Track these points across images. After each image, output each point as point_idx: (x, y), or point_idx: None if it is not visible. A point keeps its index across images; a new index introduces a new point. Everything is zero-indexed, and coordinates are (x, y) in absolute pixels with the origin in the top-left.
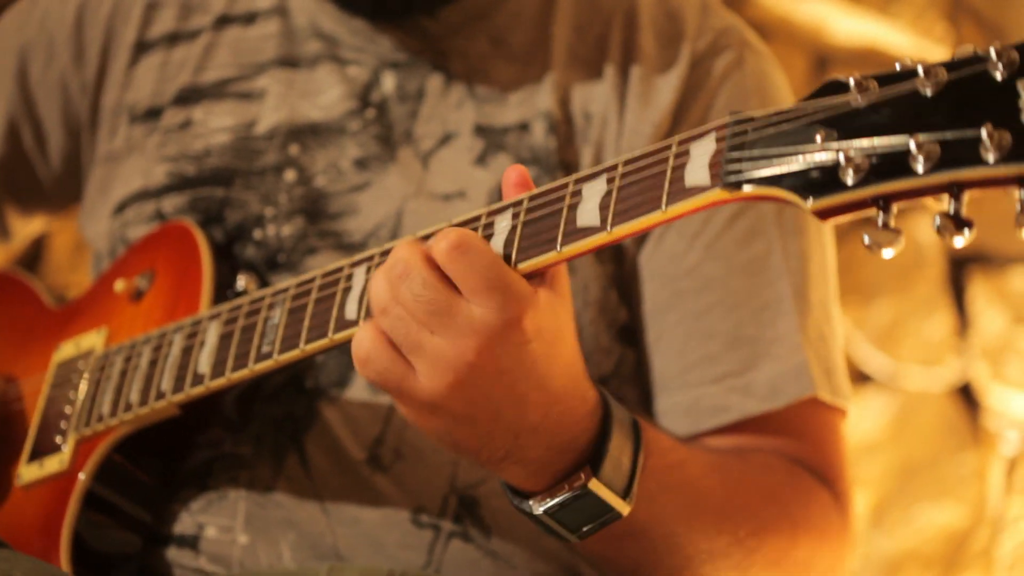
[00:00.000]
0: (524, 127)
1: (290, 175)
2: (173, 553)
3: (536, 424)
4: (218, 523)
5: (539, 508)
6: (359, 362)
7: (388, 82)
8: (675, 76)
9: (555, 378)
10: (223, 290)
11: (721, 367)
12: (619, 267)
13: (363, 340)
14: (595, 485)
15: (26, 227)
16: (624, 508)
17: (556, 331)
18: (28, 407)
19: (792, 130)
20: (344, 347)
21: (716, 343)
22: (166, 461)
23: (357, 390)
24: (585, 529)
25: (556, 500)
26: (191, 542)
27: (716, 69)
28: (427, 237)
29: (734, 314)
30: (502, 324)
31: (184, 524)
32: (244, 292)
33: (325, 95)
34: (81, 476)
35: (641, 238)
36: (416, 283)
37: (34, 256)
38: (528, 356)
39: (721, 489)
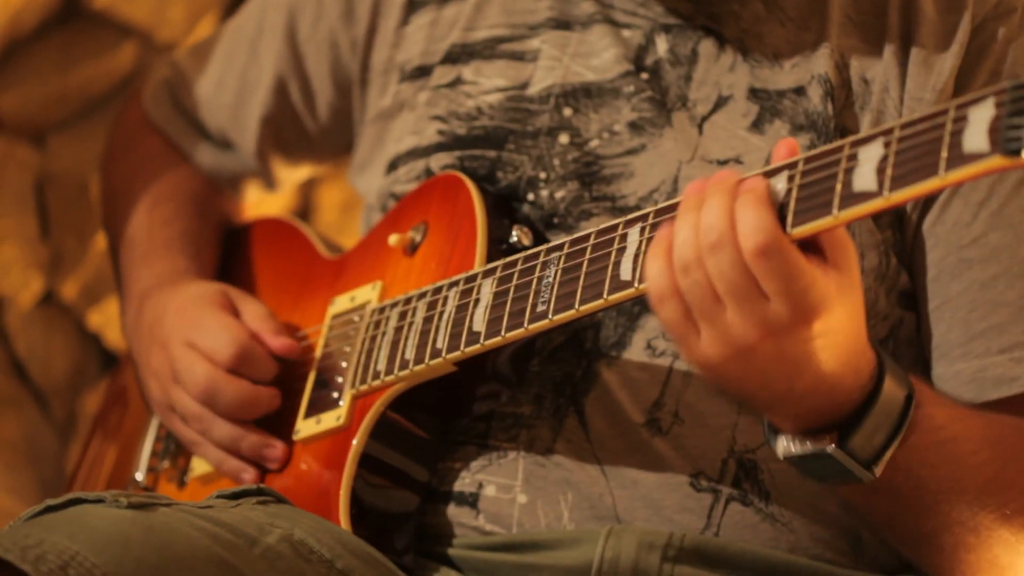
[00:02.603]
0: (800, 91)
1: (564, 138)
2: (452, 511)
3: (803, 393)
4: (498, 482)
5: (782, 452)
6: (656, 300)
7: (661, 45)
8: (957, 41)
9: (833, 362)
10: (497, 243)
11: (1008, 338)
12: (900, 233)
13: (661, 282)
14: (836, 452)
15: (292, 176)
16: (865, 476)
17: (844, 324)
18: (306, 360)
19: None
20: (621, 308)
21: (1003, 313)
22: (442, 418)
23: (635, 352)
24: (824, 481)
25: (798, 452)
26: (470, 500)
27: (1001, 33)
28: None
29: (1021, 283)
30: (792, 323)
31: (464, 482)
32: (519, 246)
33: (599, 57)
34: (358, 434)
35: (924, 205)
36: (725, 262)
37: (302, 216)
38: (811, 348)
39: (991, 465)
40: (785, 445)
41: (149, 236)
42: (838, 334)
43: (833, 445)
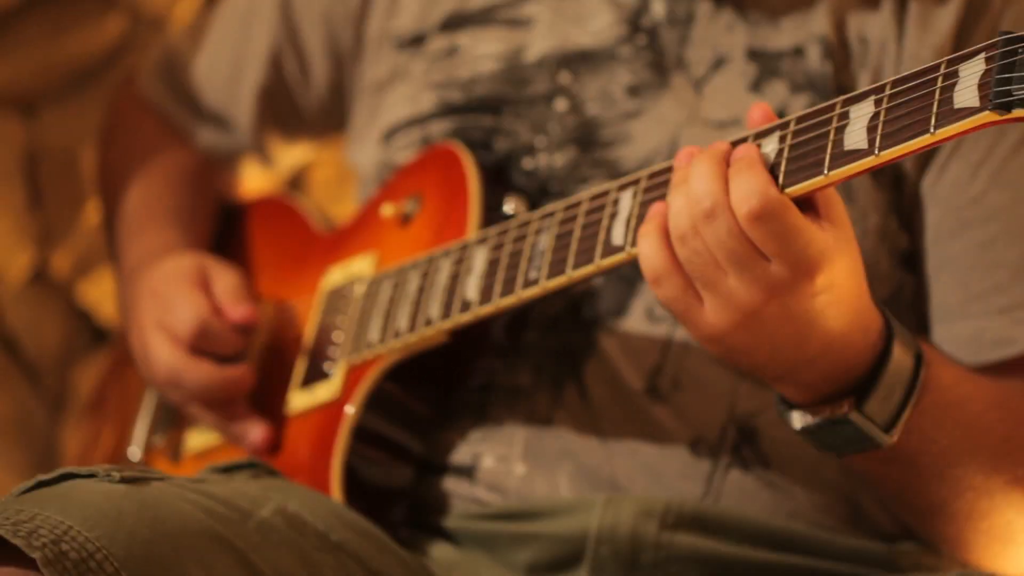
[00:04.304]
0: (798, 51)
1: (561, 104)
2: (449, 482)
3: (814, 357)
4: (496, 452)
5: (799, 423)
6: (652, 280)
7: (658, 7)
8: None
9: (840, 319)
10: (491, 213)
11: (1006, 298)
12: (899, 193)
13: (656, 261)
14: (855, 417)
15: (288, 154)
16: (884, 440)
17: (846, 278)
18: (300, 333)
19: None
20: (620, 275)
21: (1002, 274)
22: (438, 390)
23: (634, 320)
24: (843, 451)
25: (816, 421)
26: (468, 472)
27: None
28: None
29: (1020, 244)
30: (795, 280)
31: (461, 454)
32: (512, 215)
33: (594, 21)
34: (351, 405)
35: (923, 164)
36: (721, 229)
37: (297, 188)
38: (816, 305)
39: (1002, 427)
40: (801, 416)
41: (145, 210)
42: (841, 288)
43: (852, 410)
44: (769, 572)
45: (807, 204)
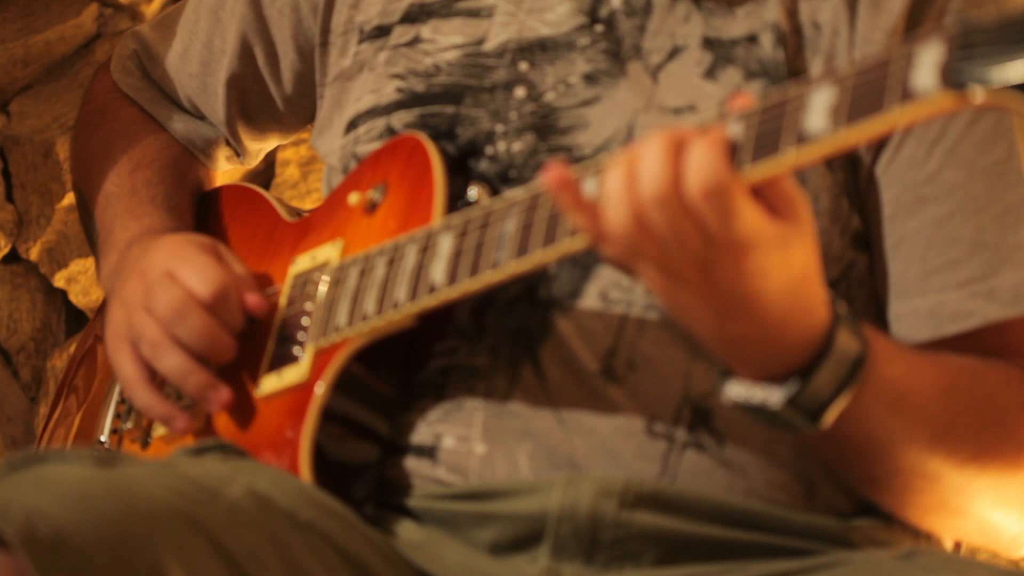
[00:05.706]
0: (752, 39)
1: (520, 91)
2: (411, 463)
3: (753, 337)
4: (456, 433)
5: (728, 396)
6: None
7: None
8: None
9: (775, 307)
10: (455, 201)
11: (964, 272)
12: (852, 175)
13: (616, 221)
14: (781, 406)
15: (261, 151)
16: (809, 430)
17: (782, 267)
18: (269, 318)
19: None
20: (574, 259)
21: (958, 249)
22: (403, 371)
23: (589, 301)
24: (771, 427)
25: (743, 401)
26: (429, 452)
27: None
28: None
29: (976, 219)
30: (721, 260)
31: (422, 434)
32: (476, 202)
33: (553, 11)
34: (319, 387)
35: (878, 147)
36: (670, 212)
37: (264, 183)
38: (748, 288)
39: (945, 414)
40: (733, 390)
41: (133, 194)
42: (779, 277)
43: (777, 397)
44: (726, 548)
45: (761, 196)
